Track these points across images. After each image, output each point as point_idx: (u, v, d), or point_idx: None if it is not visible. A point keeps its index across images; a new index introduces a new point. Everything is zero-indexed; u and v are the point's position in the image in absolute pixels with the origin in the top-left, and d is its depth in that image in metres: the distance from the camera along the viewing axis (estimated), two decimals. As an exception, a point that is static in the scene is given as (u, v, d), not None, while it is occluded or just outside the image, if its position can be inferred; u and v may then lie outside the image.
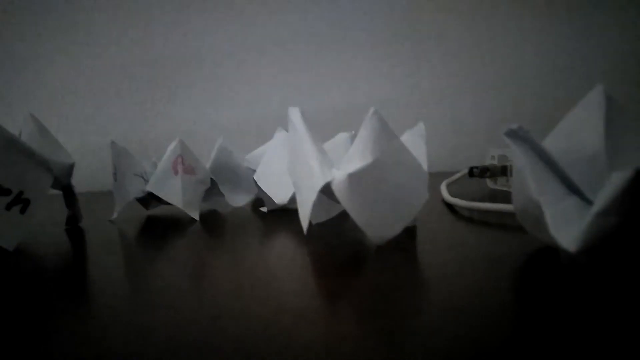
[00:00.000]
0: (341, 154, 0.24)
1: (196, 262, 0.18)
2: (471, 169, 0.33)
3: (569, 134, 0.14)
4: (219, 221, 0.28)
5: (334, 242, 0.20)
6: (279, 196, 0.27)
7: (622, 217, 0.11)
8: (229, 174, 0.31)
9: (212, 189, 0.30)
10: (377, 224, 0.17)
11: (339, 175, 0.17)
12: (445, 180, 0.33)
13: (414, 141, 0.19)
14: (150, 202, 0.31)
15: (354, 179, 0.16)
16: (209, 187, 0.30)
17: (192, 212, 0.28)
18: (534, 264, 0.15)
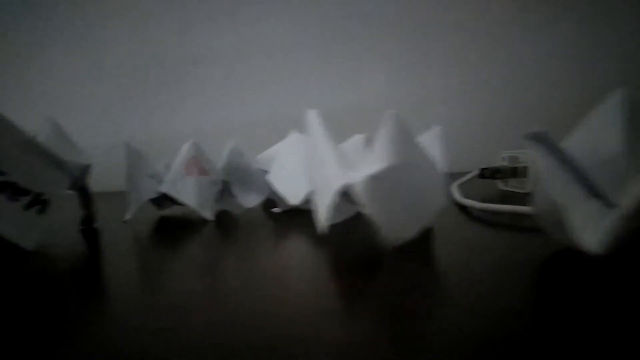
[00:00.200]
0: (356, 156, 0.24)
1: (212, 263, 0.18)
2: (482, 170, 0.33)
3: (589, 136, 0.14)
4: (231, 222, 0.28)
5: (349, 243, 0.21)
6: (293, 197, 0.27)
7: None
8: (240, 175, 0.31)
9: (224, 190, 0.31)
10: (396, 225, 0.18)
11: (359, 177, 0.17)
12: (456, 181, 0.33)
13: (431, 144, 0.19)
14: (163, 202, 0.31)
15: (375, 181, 0.16)
16: (221, 188, 0.30)
17: (206, 212, 0.28)
18: (554, 265, 0.15)
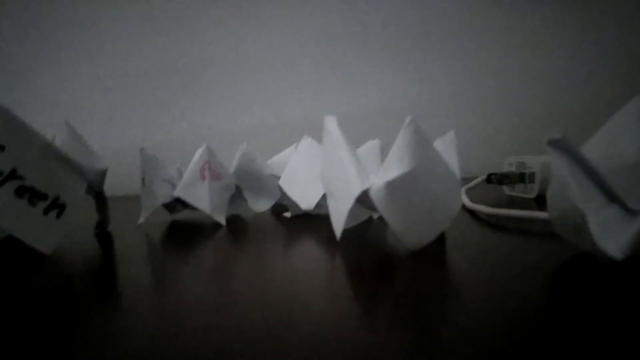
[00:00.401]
0: (370, 162, 0.24)
1: (225, 268, 0.18)
2: (489, 175, 0.33)
3: (608, 142, 0.14)
4: (243, 226, 0.28)
5: (363, 247, 0.21)
6: (305, 202, 0.27)
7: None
8: (252, 179, 0.32)
9: (235, 194, 0.31)
10: (413, 230, 0.18)
11: (377, 182, 0.17)
12: (463, 186, 0.33)
13: (446, 150, 0.20)
14: (175, 207, 0.31)
15: (392, 186, 0.17)
16: (234, 193, 0.30)
17: (219, 217, 0.28)
18: (569, 270, 0.15)
